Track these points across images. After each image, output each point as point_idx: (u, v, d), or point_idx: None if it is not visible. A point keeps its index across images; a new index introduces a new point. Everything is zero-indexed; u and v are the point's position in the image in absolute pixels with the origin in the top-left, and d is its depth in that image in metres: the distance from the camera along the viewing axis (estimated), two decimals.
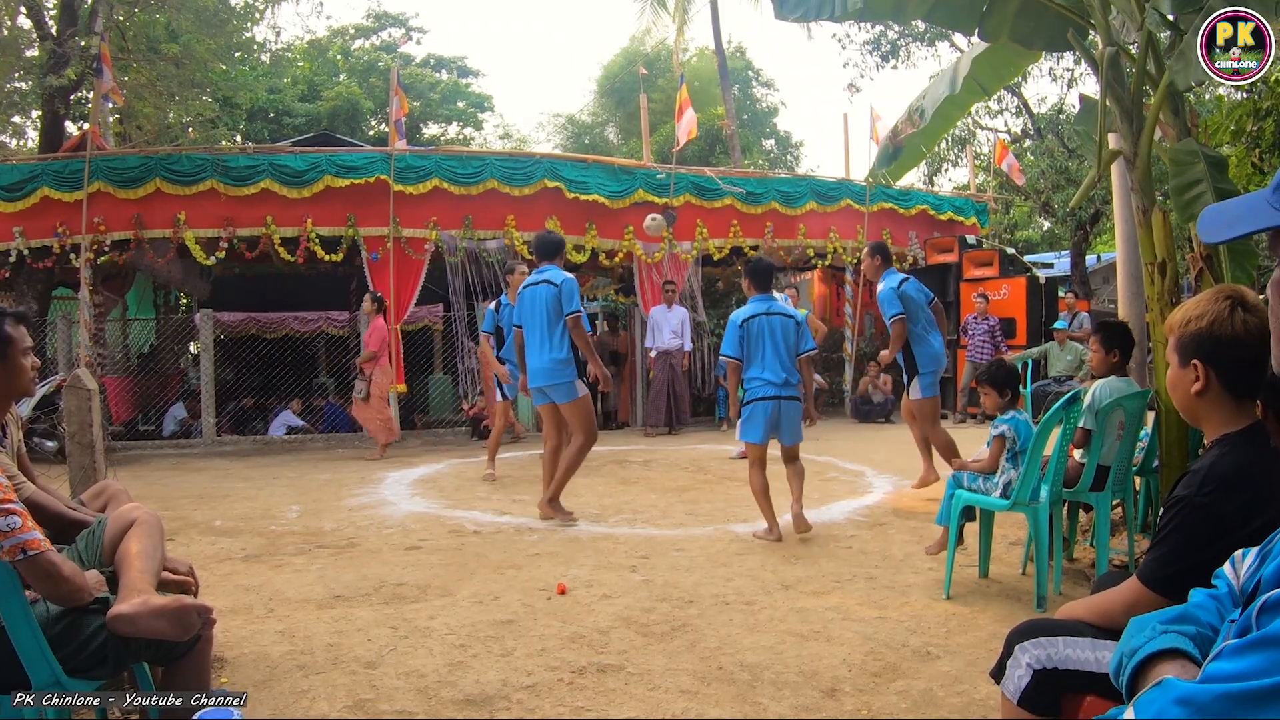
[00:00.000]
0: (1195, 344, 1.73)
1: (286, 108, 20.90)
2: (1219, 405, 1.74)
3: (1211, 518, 1.66)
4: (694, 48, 27.12)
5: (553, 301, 5.30)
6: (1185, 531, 1.69)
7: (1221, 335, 1.69)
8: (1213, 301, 1.72)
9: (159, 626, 2.01)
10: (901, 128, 5.88)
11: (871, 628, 3.44)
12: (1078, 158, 15.46)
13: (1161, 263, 4.19)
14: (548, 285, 5.35)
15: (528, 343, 5.47)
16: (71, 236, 9.35)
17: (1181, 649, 1.29)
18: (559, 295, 5.28)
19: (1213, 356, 1.71)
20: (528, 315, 5.46)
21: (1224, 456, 1.71)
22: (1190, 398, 1.76)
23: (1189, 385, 1.75)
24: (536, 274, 5.49)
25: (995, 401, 4.13)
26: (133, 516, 2.36)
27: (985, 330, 10.88)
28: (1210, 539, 1.65)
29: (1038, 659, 1.74)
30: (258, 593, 3.97)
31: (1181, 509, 1.70)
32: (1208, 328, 1.70)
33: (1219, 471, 1.69)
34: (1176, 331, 1.76)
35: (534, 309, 5.40)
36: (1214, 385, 1.72)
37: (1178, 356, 1.77)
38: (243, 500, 6.41)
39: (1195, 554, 1.65)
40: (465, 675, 2.98)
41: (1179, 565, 1.67)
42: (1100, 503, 4.01)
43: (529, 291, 5.45)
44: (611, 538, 5.02)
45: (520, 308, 5.55)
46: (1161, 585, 1.70)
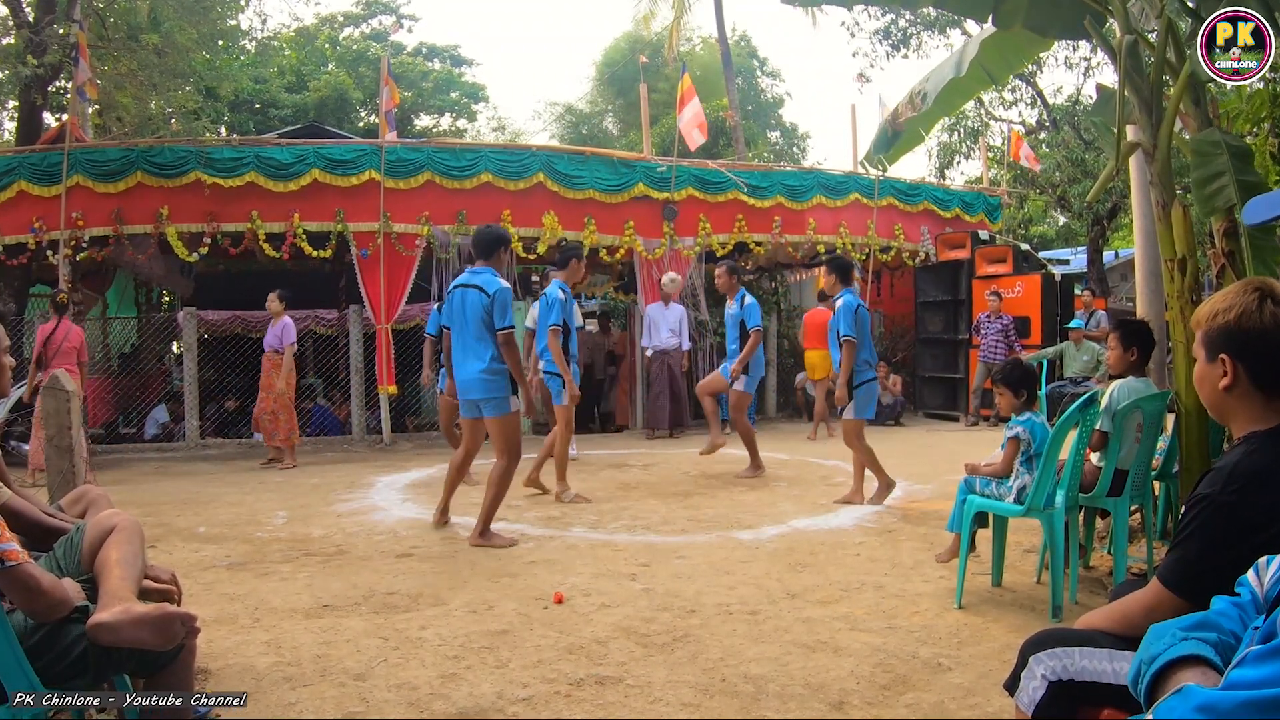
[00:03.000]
0: (1223, 338, 1.73)
1: (273, 98, 20.90)
2: (1247, 401, 1.74)
3: (1235, 517, 1.66)
4: (697, 36, 27.13)
5: (483, 312, 4.99)
6: (1208, 531, 1.68)
7: (1250, 328, 1.69)
8: (1241, 294, 1.72)
9: (141, 635, 2.01)
10: (902, 111, 5.89)
11: (880, 638, 3.44)
12: (1095, 150, 15.47)
13: (1182, 259, 4.19)
14: (479, 293, 5.01)
15: (455, 349, 5.18)
16: (49, 232, 9.34)
17: (1202, 656, 1.29)
18: (491, 307, 4.97)
19: (1241, 350, 1.71)
20: (457, 319, 5.14)
21: (1250, 454, 1.70)
22: (1218, 393, 1.76)
23: (1217, 380, 1.75)
24: (470, 274, 5.17)
25: (1011, 402, 4.12)
26: (113, 523, 2.35)
27: (999, 329, 10.88)
28: (1234, 539, 1.64)
29: (1053, 670, 1.73)
30: (243, 602, 3.97)
31: (1204, 508, 1.70)
32: (1236, 321, 1.70)
33: (1244, 470, 1.68)
34: (1204, 325, 1.76)
35: (464, 315, 5.09)
36: (1242, 380, 1.72)
37: (1205, 351, 1.77)
38: (227, 506, 6.41)
39: (1218, 555, 1.65)
40: (458, 687, 2.98)
41: (1201, 566, 1.67)
42: (1118, 508, 4.01)
43: (459, 293, 5.13)
44: (611, 545, 5.02)
45: (449, 308, 5.23)
46: (1183, 587, 1.70)
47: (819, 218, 12.00)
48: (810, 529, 5.38)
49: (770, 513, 5.83)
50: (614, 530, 5.43)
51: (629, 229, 10.89)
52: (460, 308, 5.10)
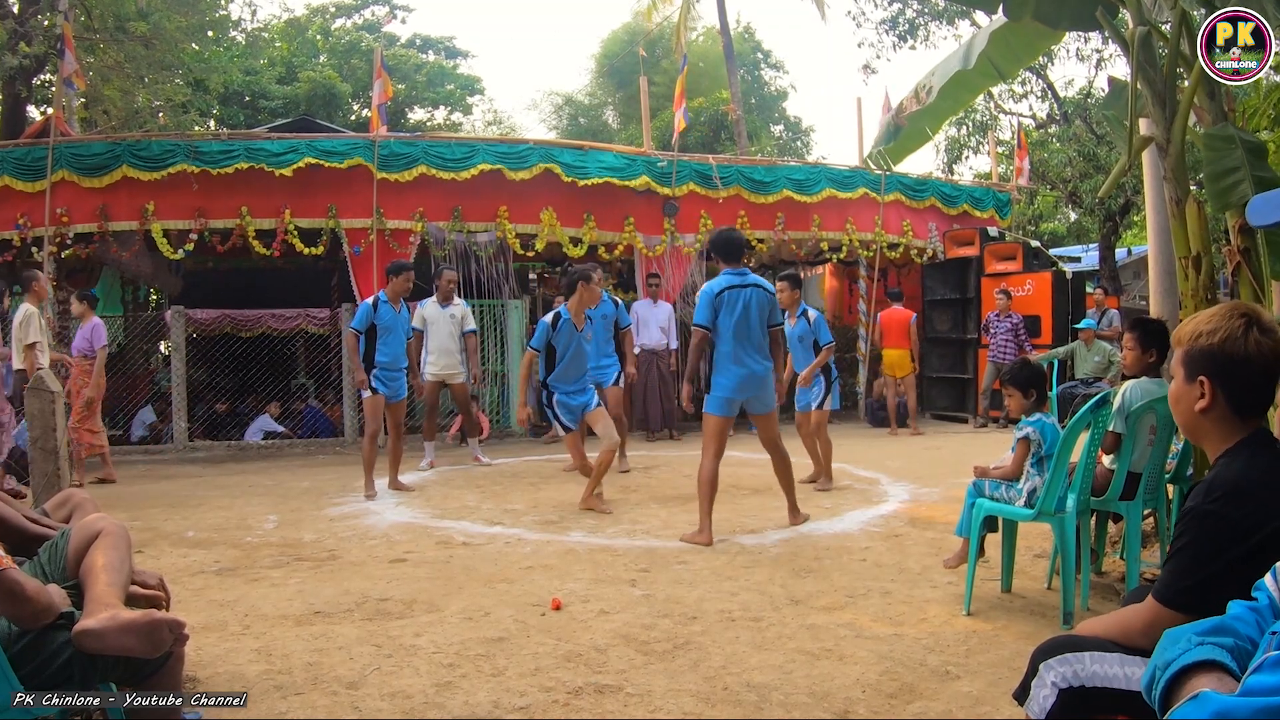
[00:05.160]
0: (1204, 360, 1.77)
1: (263, 90, 20.89)
2: (1222, 425, 1.79)
3: (1222, 525, 1.69)
4: (700, 26, 27.10)
5: (768, 310, 5.49)
6: (1197, 542, 1.72)
7: (1233, 354, 1.73)
8: (1226, 318, 1.76)
9: (128, 643, 2.01)
10: (907, 104, 5.86)
11: (887, 646, 3.44)
12: (1106, 144, 15.45)
13: (1196, 256, 4.19)
14: (764, 292, 5.56)
15: (739, 349, 5.43)
16: (33, 229, 9.34)
17: (1218, 661, 1.29)
18: (770, 305, 5.55)
19: (1221, 375, 1.75)
20: (740, 320, 5.48)
21: (1229, 465, 1.75)
22: (1193, 414, 1.80)
23: (1193, 401, 1.79)
24: (739, 275, 5.50)
25: (1020, 403, 4.12)
26: (99, 527, 2.36)
27: (1008, 329, 10.87)
28: (1222, 547, 1.68)
29: (1064, 677, 1.74)
30: (232, 608, 3.97)
31: (1191, 520, 1.74)
32: (1219, 345, 1.74)
33: (1225, 478, 1.73)
34: (1185, 344, 1.80)
35: (747, 315, 5.43)
36: (1220, 404, 1.76)
37: (1184, 370, 1.81)
38: (216, 510, 6.41)
39: (1209, 564, 1.69)
40: (454, 696, 2.98)
41: (1194, 578, 1.70)
42: (1131, 512, 4.01)
43: (738, 294, 5.46)
44: (610, 549, 5.03)
45: (729, 309, 5.50)
46: (1179, 600, 1.72)
47: (824, 214, 11.98)
48: (815, 533, 5.38)
49: (774, 517, 5.83)
50: (613, 535, 5.43)
51: (629, 225, 10.89)
52: (742, 308, 5.36)
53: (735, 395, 5.36)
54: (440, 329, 8.36)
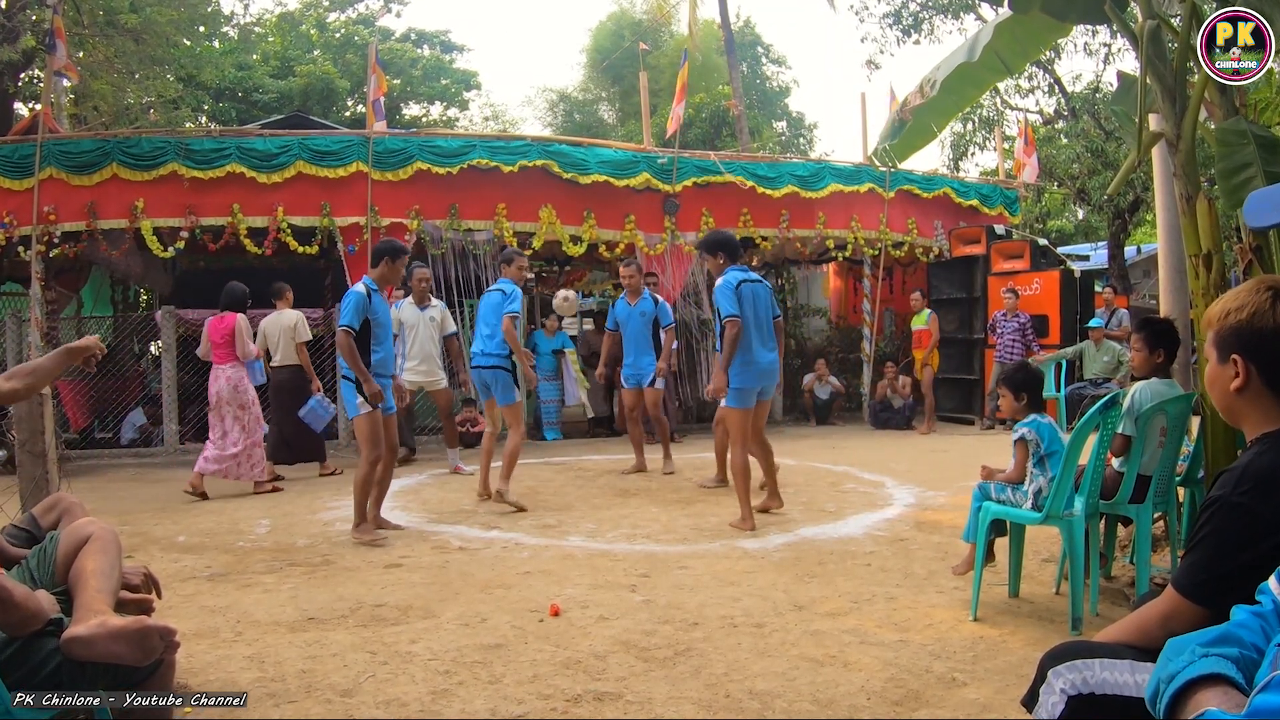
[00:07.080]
0: (1235, 338, 1.76)
1: (256, 83, 20.89)
2: (1259, 403, 1.77)
3: (1248, 518, 1.68)
4: (700, 18, 27.09)
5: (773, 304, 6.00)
6: (1221, 534, 1.71)
7: (1263, 328, 1.72)
8: (1253, 293, 1.75)
9: (118, 650, 2.01)
10: (910, 100, 5.86)
11: (892, 652, 3.44)
12: (1115, 140, 15.46)
13: (1207, 254, 4.18)
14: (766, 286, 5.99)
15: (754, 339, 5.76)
16: (21, 227, 9.33)
17: (1224, 674, 1.28)
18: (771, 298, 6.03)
19: (1253, 351, 1.74)
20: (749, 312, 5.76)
21: (1262, 454, 1.73)
22: (1229, 395, 1.79)
23: (1228, 381, 1.78)
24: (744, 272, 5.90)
25: (1011, 405, 4.16)
26: (88, 532, 2.36)
27: (1015, 328, 10.87)
28: (1247, 541, 1.67)
29: (1072, 684, 1.73)
30: (224, 614, 3.97)
31: (1216, 510, 1.73)
32: (1248, 320, 1.73)
33: (1256, 469, 1.70)
34: (1215, 325, 1.80)
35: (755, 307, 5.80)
36: (1254, 381, 1.75)
37: (1216, 352, 1.80)
38: (208, 514, 6.41)
39: (1232, 558, 1.68)
40: (450, 704, 2.98)
41: (1216, 570, 1.70)
42: (1140, 516, 4.01)
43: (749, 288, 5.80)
44: (609, 554, 5.02)
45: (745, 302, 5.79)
46: (1198, 592, 1.72)
47: (830, 210, 11.96)
48: (818, 538, 5.38)
49: (776, 520, 5.84)
50: (613, 539, 5.43)
51: (630, 223, 10.88)
52: (752, 301, 5.76)
53: (754, 385, 5.71)
54: (419, 333, 8.15)
